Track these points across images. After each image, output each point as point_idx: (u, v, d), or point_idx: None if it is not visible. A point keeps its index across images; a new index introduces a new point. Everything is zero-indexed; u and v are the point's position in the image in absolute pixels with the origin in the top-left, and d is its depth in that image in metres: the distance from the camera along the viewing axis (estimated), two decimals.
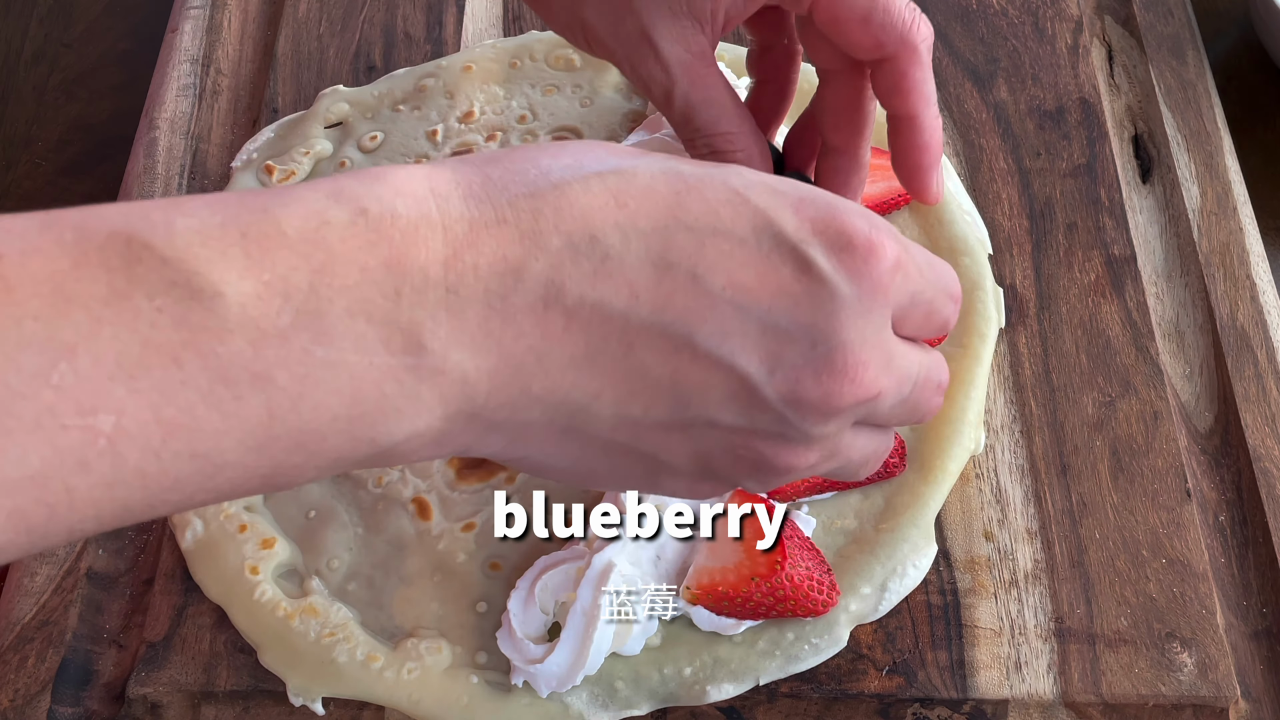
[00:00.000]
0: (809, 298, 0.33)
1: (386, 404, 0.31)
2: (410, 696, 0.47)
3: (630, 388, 0.33)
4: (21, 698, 0.49)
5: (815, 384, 0.34)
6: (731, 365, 0.33)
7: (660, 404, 0.34)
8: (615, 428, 0.34)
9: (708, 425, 0.34)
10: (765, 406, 0.34)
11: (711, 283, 0.33)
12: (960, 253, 0.57)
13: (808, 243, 0.34)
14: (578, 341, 0.32)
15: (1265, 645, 0.50)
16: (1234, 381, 0.56)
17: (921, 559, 0.50)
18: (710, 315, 0.33)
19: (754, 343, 0.33)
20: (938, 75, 0.66)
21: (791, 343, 0.34)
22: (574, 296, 0.32)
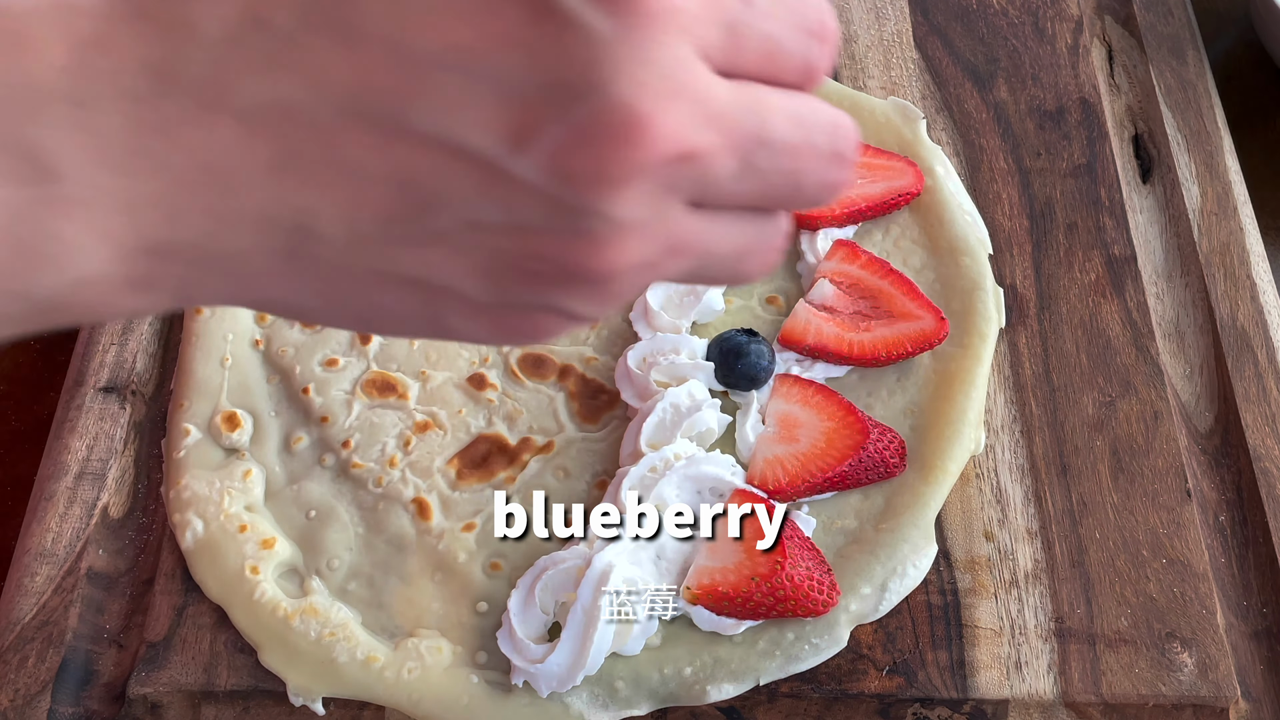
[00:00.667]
0: (553, 43, 0.25)
1: (27, 248, 0.25)
2: (410, 696, 0.47)
3: (350, 194, 0.27)
4: (21, 698, 0.49)
5: (583, 150, 0.26)
6: (461, 145, 0.26)
7: (396, 209, 0.27)
8: (352, 247, 0.27)
9: (469, 228, 0.27)
10: (529, 191, 0.26)
11: (418, 46, 0.25)
12: (960, 253, 0.57)
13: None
14: (260, 149, 0.26)
15: (1265, 645, 0.50)
16: (1234, 381, 0.56)
17: (921, 559, 0.50)
18: (423, 88, 0.26)
19: (489, 114, 0.26)
20: (938, 75, 0.66)
21: (540, 105, 0.26)
22: (245, 96, 0.26)
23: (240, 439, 0.53)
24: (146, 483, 0.54)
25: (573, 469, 0.53)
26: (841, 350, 0.53)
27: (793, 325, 0.54)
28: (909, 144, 0.61)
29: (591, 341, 0.56)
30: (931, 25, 0.68)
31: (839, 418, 0.51)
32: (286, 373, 0.55)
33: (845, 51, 0.67)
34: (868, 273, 0.55)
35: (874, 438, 0.51)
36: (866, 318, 0.54)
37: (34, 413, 0.62)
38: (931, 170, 0.59)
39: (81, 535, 0.52)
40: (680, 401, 0.51)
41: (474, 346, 0.56)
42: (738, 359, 0.52)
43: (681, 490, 0.50)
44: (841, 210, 0.57)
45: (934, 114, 0.65)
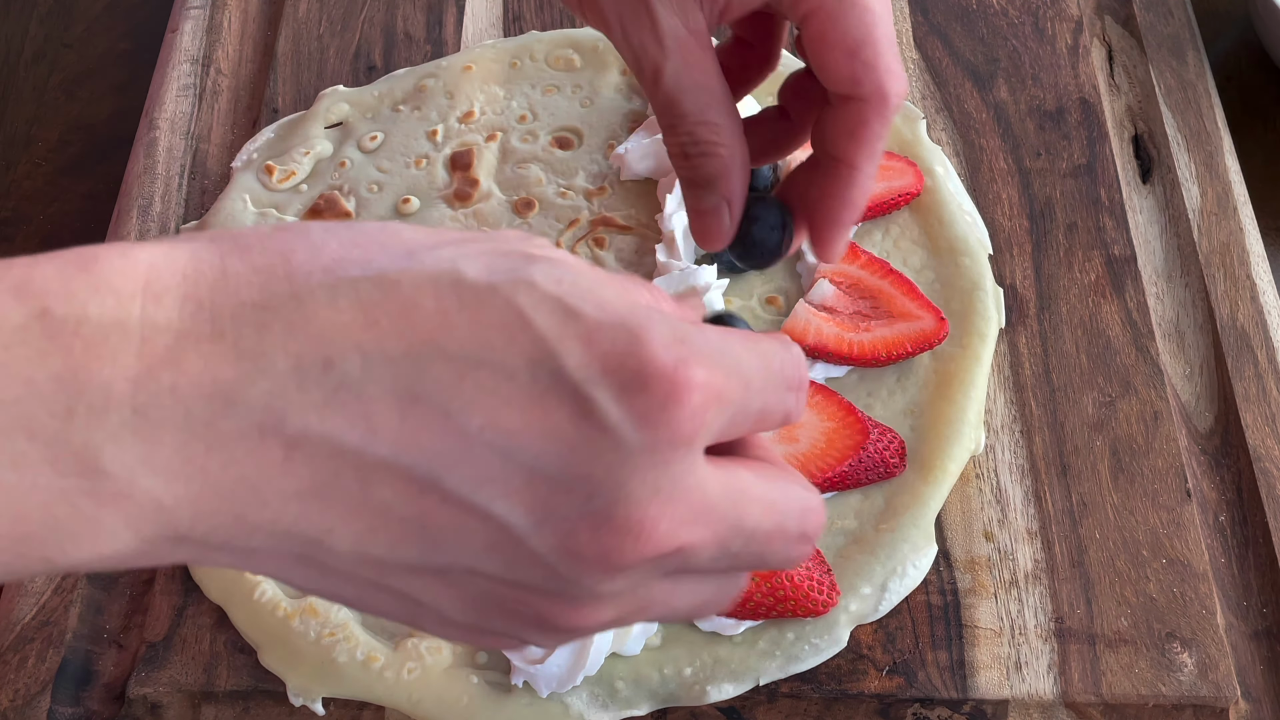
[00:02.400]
0: (587, 445, 0.28)
1: (58, 526, 0.27)
2: (410, 696, 0.47)
3: (369, 524, 0.29)
4: (21, 698, 0.49)
5: (592, 539, 0.29)
6: (488, 513, 0.29)
7: (407, 545, 0.29)
8: (357, 564, 0.30)
9: (468, 573, 0.30)
10: (534, 560, 0.29)
11: (467, 422, 0.28)
12: (960, 253, 0.57)
13: (592, 383, 0.28)
14: (302, 474, 0.28)
15: (1265, 645, 0.50)
16: (1234, 381, 0.56)
17: (921, 559, 0.50)
18: (464, 458, 0.28)
19: (517, 490, 0.29)
20: (938, 75, 0.66)
21: (564, 494, 0.29)
22: (296, 427, 0.28)
23: None
24: None
25: None
26: (841, 350, 0.53)
27: (792, 325, 0.54)
28: (909, 144, 0.61)
29: None
30: (931, 25, 0.68)
31: (839, 418, 0.51)
32: None
33: None
34: (868, 273, 0.55)
35: (874, 438, 0.51)
36: (866, 318, 0.54)
37: None
38: (931, 170, 0.59)
39: None
40: None
41: None
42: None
43: None
44: None
45: (934, 114, 0.65)
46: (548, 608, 0.31)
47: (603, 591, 0.30)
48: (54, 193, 0.68)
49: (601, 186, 0.61)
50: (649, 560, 0.30)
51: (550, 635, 0.32)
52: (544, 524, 0.29)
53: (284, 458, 0.28)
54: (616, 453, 0.29)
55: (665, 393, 0.29)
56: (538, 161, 0.61)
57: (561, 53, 0.65)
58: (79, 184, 0.69)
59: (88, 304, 0.27)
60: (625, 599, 0.31)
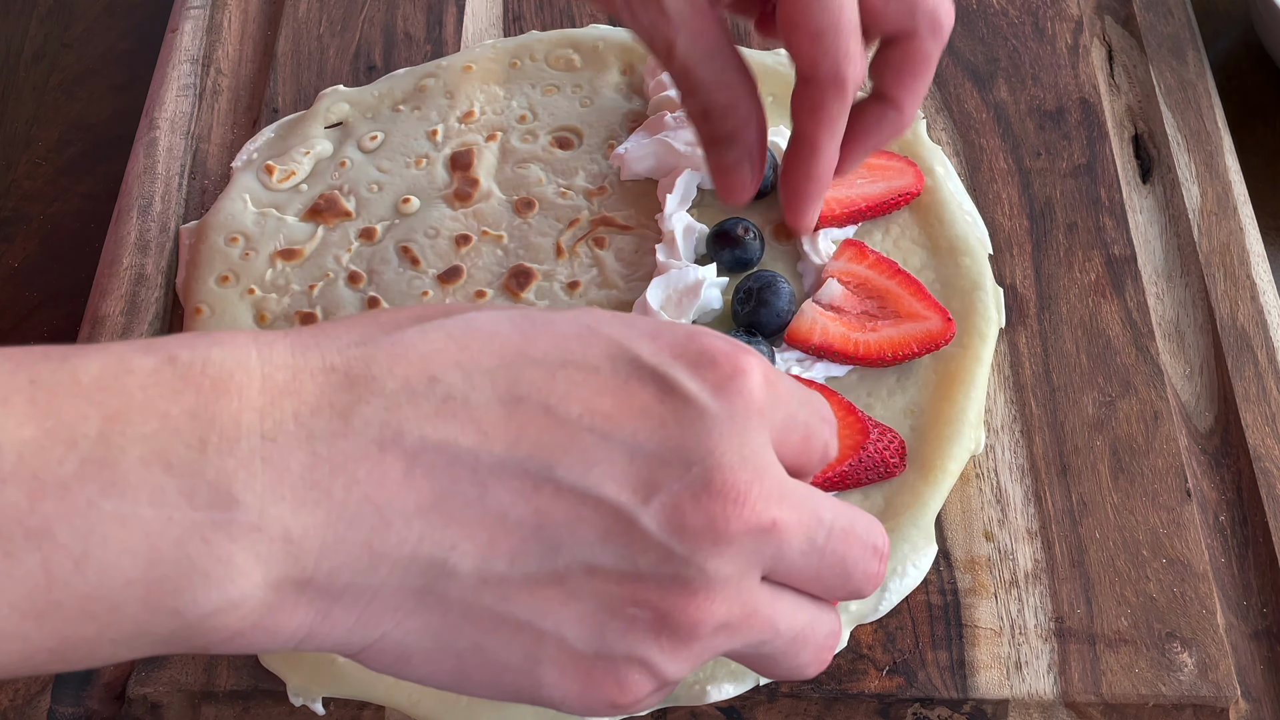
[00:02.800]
0: (675, 417, 0.31)
1: (191, 566, 0.27)
2: (410, 696, 0.47)
3: (490, 535, 0.30)
4: (21, 698, 0.49)
5: (696, 507, 0.31)
6: (600, 497, 0.30)
7: (528, 551, 0.30)
8: (480, 586, 0.31)
9: (586, 573, 0.31)
10: (646, 540, 0.31)
11: (567, 412, 0.31)
12: (960, 253, 0.57)
13: (667, 364, 0.32)
14: (423, 488, 0.29)
15: (1265, 645, 0.50)
16: (1234, 381, 0.56)
17: (921, 559, 0.50)
18: (570, 446, 0.30)
19: (622, 470, 0.31)
20: (938, 75, 0.66)
21: (664, 467, 0.31)
22: (414, 438, 0.29)
23: None
24: None
25: None
26: (848, 350, 0.53)
27: (799, 324, 0.54)
28: (909, 144, 0.61)
29: None
30: None
31: (839, 418, 0.51)
32: None
33: None
34: (875, 272, 0.55)
35: (874, 438, 0.51)
36: (873, 318, 0.54)
37: None
38: (931, 170, 0.59)
39: None
40: None
41: None
42: None
43: None
44: (841, 210, 0.57)
45: (934, 114, 0.65)
46: (665, 599, 0.31)
47: (711, 570, 0.31)
48: (54, 193, 0.68)
49: (601, 186, 0.61)
50: (749, 531, 0.31)
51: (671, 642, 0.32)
52: (651, 500, 0.31)
53: (405, 471, 0.29)
54: (702, 420, 0.31)
55: (732, 366, 0.32)
56: (538, 161, 0.61)
57: (561, 53, 0.65)
58: (79, 184, 0.69)
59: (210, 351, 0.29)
60: (733, 590, 0.32)
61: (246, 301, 0.57)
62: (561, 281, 0.58)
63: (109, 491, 0.27)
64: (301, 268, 0.58)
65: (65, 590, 0.27)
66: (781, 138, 0.60)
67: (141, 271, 0.60)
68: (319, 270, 0.58)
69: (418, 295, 0.57)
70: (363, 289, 0.58)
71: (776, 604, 0.34)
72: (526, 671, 0.32)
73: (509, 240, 0.59)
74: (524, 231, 0.59)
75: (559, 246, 0.59)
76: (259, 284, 0.58)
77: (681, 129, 0.59)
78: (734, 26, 0.68)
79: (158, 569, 0.27)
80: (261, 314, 0.57)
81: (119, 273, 0.60)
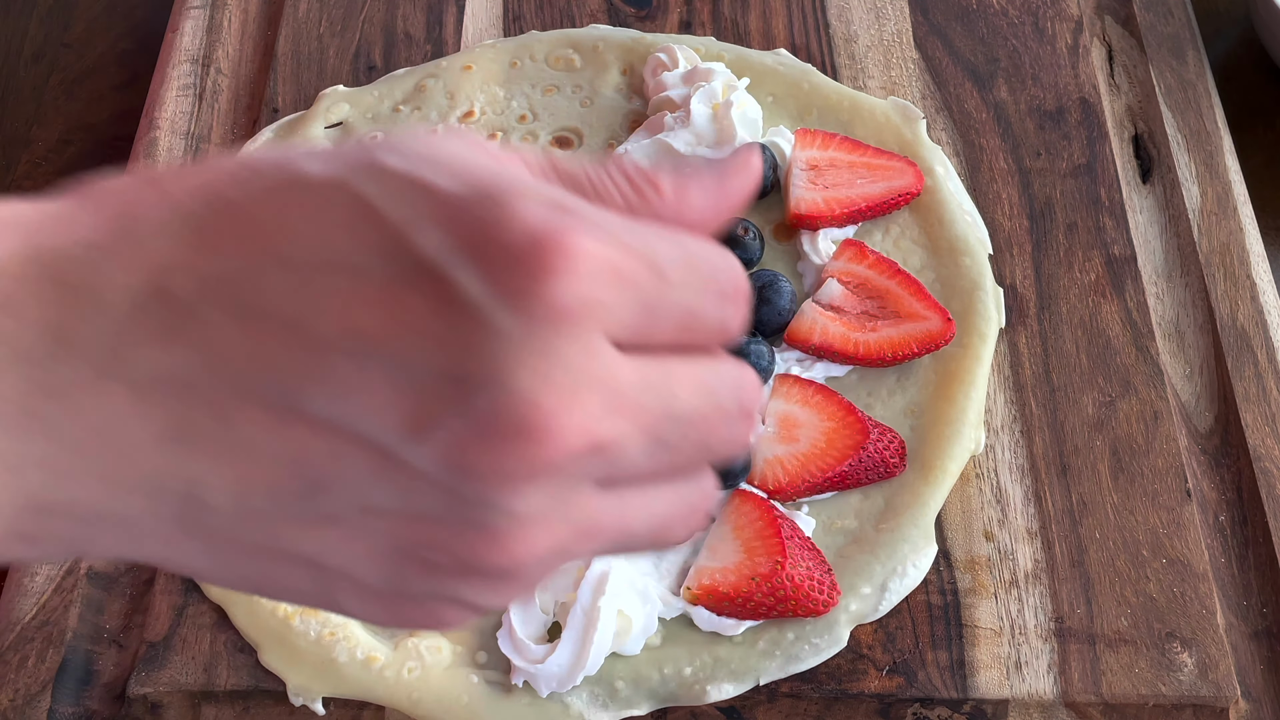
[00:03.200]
0: (453, 337, 0.24)
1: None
2: (410, 696, 0.47)
3: (242, 469, 0.26)
4: (21, 698, 0.49)
5: (482, 448, 0.25)
6: (355, 431, 0.25)
7: (288, 489, 0.26)
8: (242, 521, 0.26)
9: (363, 513, 0.26)
10: (424, 481, 0.25)
11: (318, 329, 0.25)
12: (960, 253, 0.57)
13: (451, 264, 0.24)
14: (156, 417, 0.25)
15: (1265, 645, 0.50)
16: (1234, 381, 0.56)
17: (921, 559, 0.50)
18: (320, 372, 0.25)
19: (384, 402, 0.25)
20: (938, 75, 0.66)
21: (439, 398, 0.24)
22: (141, 367, 0.25)
23: None
24: None
25: None
26: (847, 350, 0.53)
27: (798, 324, 0.54)
28: (909, 144, 0.61)
29: None
30: (931, 25, 0.68)
31: (839, 418, 0.51)
32: None
33: (845, 51, 0.67)
34: (875, 272, 0.55)
35: (874, 438, 0.51)
36: (873, 318, 0.54)
37: None
38: (931, 170, 0.59)
39: None
40: None
41: None
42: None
43: None
44: (841, 210, 0.57)
45: (934, 114, 0.65)
46: (463, 544, 0.26)
47: (518, 511, 0.25)
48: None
49: None
50: (560, 462, 0.25)
51: (484, 582, 0.27)
52: (423, 436, 0.25)
53: (133, 401, 0.25)
54: (489, 341, 0.24)
55: (536, 262, 0.24)
56: None
57: (561, 53, 0.65)
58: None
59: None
60: (554, 521, 0.26)
61: None
62: None
63: None
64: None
65: None
66: (781, 138, 0.60)
67: None
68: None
69: None
70: None
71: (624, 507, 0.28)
72: (322, 597, 0.28)
73: None
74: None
75: None
76: None
77: (681, 129, 0.59)
78: (734, 26, 0.68)
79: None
80: None
81: None
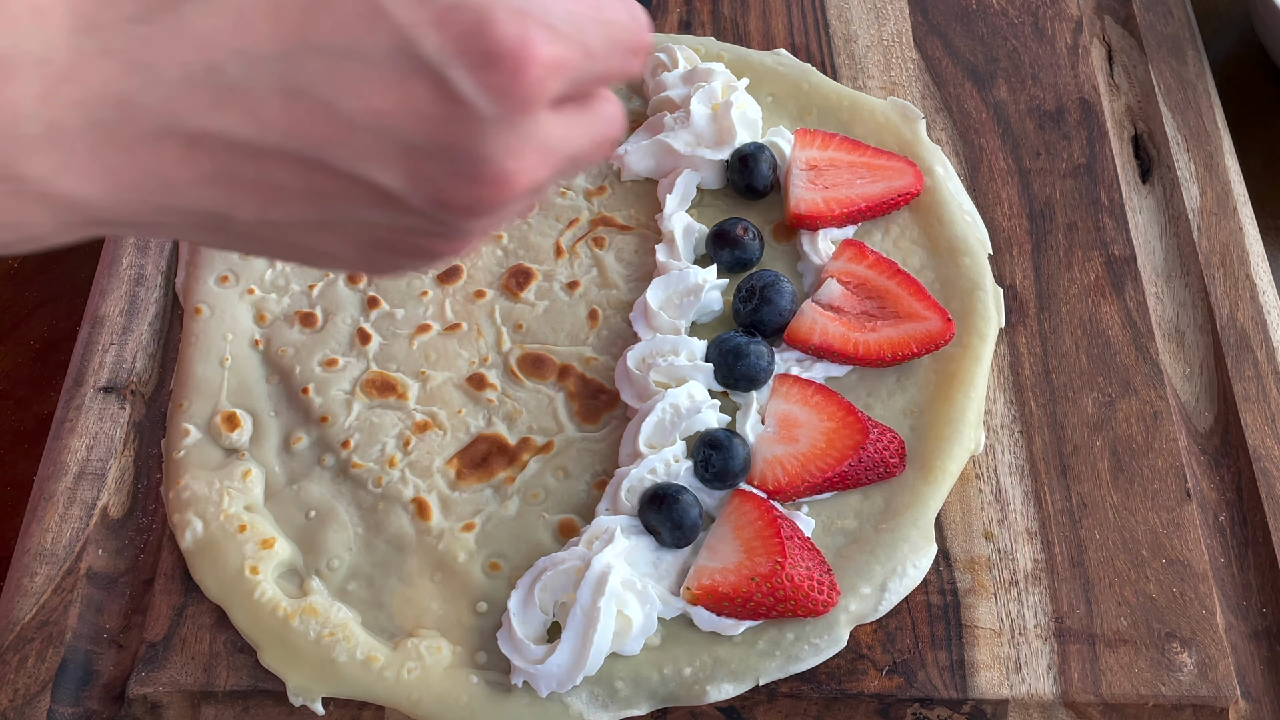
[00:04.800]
0: (449, 119, 0.33)
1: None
2: (410, 696, 0.47)
3: (268, 199, 0.34)
4: (21, 698, 0.49)
5: (461, 193, 0.34)
6: (370, 182, 0.34)
7: (303, 210, 0.34)
8: (258, 228, 0.35)
9: (358, 225, 0.35)
10: (414, 213, 0.35)
11: (344, 107, 0.32)
12: (960, 253, 0.57)
13: (448, 64, 0.33)
14: (203, 164, 0.32)
15: (1265, 645, 0.50)
16: (1234, 381, 0.56)
17: (921, 559, 0.50)
18: (346, 139, 0.33)
19: (394, 162, 0.33)
20: (938, 75, 0.66)
21: (434, 160, 0.34)
22: (193, 126, 0.32)
23: (240, 439, 0.53)
24: (146, 483, 0.54)
25: (572, 469, 0.53)
26: (847, 350, 0.53)
27: (798, 324, 0.54)
28: (909, 144, 0.60)
29: (591, 341, 0.56)
30: (931, 25, 0.68)
31: (839, 418, 0.51)
32: (286, 373, 0.55)
33: (845, 51, 0.67)
34: (875, 273, 0.55)
35: (874, 438, 0.51)
36: (873, 318, 0.54)
37: (34, 413, 0.62)
38: (931, 170, 0.59)
39: (81, 535, 0.52)
40: (680, 402, 0.51)
41: (474, 347, 0.56)
42: (737, 360, 0.52)
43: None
44: (841, 210, 0.57)
45: (934, 114, 0.65)
46: (429, 244, 0.36)
47: (479, 228, 0.36)
48: None
49: (601, 186, 0.61)
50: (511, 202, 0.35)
51: (430, 264, 0.38)
52: (420, 186, 0.34)
53: (184, 154, 0.32)
54: (474, 123, 0.33)
55: (513, 64, 0.33)
56: None
57: None
58: None
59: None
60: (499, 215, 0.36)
61: (246, 301, 0.57)
62: (561, 281, 0.58)
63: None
64: (301, 267, 0.58)
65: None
66: (781, 138, 0.60)
67: (141, 271, 0.60)
68: (318, 270, 0.58)
69: (417, 295, 0.57)
70: (362, 288, 0.58)
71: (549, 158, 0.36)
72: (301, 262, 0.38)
73: (509, 240, 0.59)
74: (524, 231, 0.59)
75: (559, 246, 0.59)
76: (259, 284, 0.58)
77: (681, 129, 0.59)
78: (734, 26, 0.68)
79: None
80: (261, 314, 0.57)
81: (119, 273, 0.60)
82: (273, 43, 0.32)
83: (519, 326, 0.56)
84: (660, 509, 0.49)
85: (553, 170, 0.36)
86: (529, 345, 0.56)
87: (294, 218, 0.34)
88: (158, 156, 0.32)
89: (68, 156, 0.31)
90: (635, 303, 0.56)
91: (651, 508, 0.49)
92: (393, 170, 0.33)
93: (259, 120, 0.32)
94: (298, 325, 0.57)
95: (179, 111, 0.31)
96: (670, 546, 0.49)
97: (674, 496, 0.49)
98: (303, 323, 0.57)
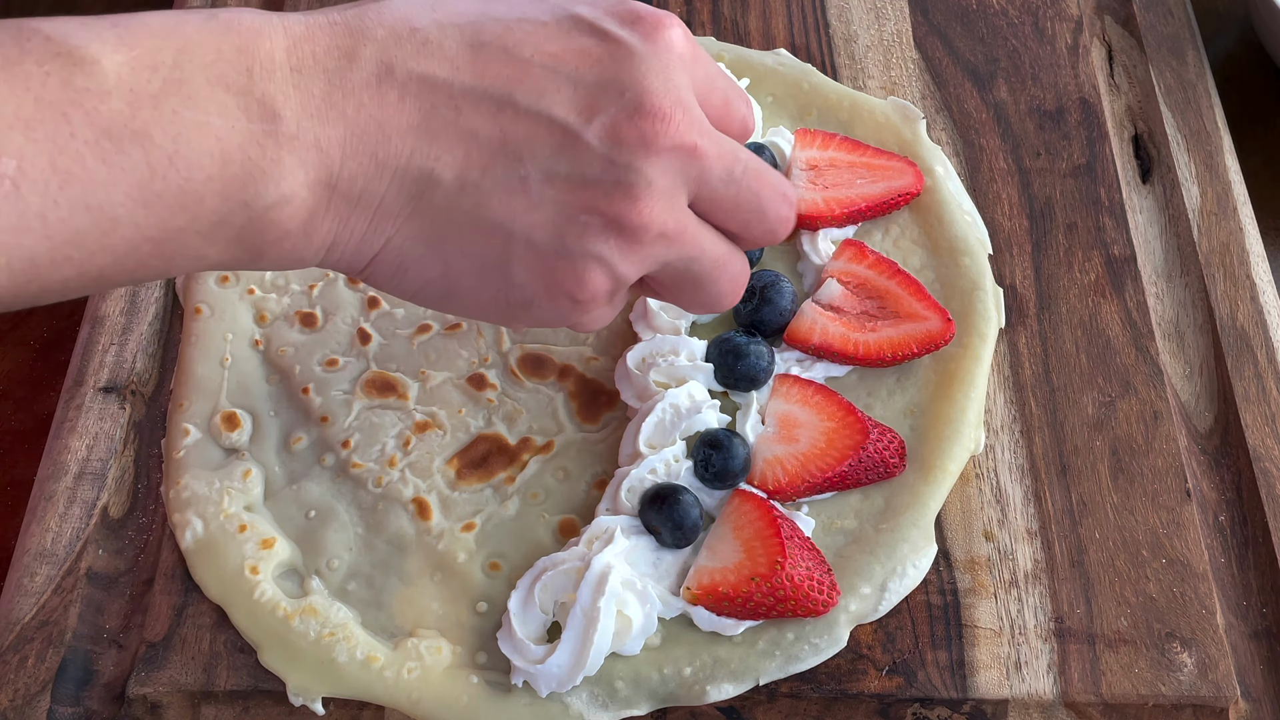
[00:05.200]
0: (610, 57, 0.40)
1: (253, 166, 0.36)
2: (410, 696, 0.47)
3: (466, 150, 0.39)
4: (21, 698, 0.49)
5: (630, 124, 0.39)
6: (551, 117, 0.39)
7: (496, 163, 0.39)
8: (460, 193, 0.39)
9: (544, 181, 0.40)
10: (591, 152, 0.39)
11: (521, 53, 0.39)
12: (960, 253, 0.57)
13: (603, 19, 0.41)
14: (412, 109, 0.38)
15: (1265, 645, 0.50)
16: (1234, 381, 0.56)
17: (921, 559, 0.50)
18: (525, 78, 0.39)
19: (568, 97, 0.39)
20: (938, 75, 0.66)
21: (602, 94, 0.40)
22: (403, 71, 0.38)
23: (240, 439, 0.53)
24: (146, 483, 0.54)
25: (572, 469, 0.53)
26: (847, 350, 0.53)
27: (798, 324, 0.54)
28: (909, 144, 0.61)
29: (591, 341, 0.56)
30: (931, 25, 0.68)
31: (839, 418, 0.51)
32: (286, 373, 0.55)
33: (845, 51, 0.67)
34: (875, 273, 0.55)
35: (874, 438, 0.51)
36: (873, 318, 0.54)
37: (34, 413, 0.62)
38: (931, 170, 0.59)
39: (81, 535, 0.52)
40: (680, 402, 0.51)
41: (473, 347, 0.56)
42: (737, 360, 0.52)
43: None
44: (841, 210, 0.57)
45: (934, 114, 0.65)
46: (611, 203, 0.40)
47: (648, 174, 0.40)
48: None
49: None
50: (674, 149, 0.40)
51: (620, 240, 0.41)
52: (593, 119, 0.39)
53: (398, 97, 0.38)
54: (633, 58, 0.40)
55: (654, 21, 0.41)
56: None
57: None
58: None
59: (240, 14, 0.37)
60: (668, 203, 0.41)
61: (246, 301, 0.57)
62: None
63: (188, 104, 0.35)
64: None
65: (164, 182, 0.34)
66: (781, 138, 0.60)
67: None
68: (318, 270, 0.58)
69: None
70: (362, 289, 0.58)
71: (702, 228, 0.43)
72: (500, 269, 0.41)
73: None
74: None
75: None
76: (259, 284, 0.58)
77: None
78: (734, 26, 0.68)
79: (229, 168, 0.36)
80: (262, 314, 0.57)
81: None
82: (459, 15, 0.40)
83: None
84: (660, 509, 0.49)
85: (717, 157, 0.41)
86: (529, 345, 0.56)
87: (488, 175, 0.39)
88: (377, 100, 0.38)
89: (308, 98, 0.37)
90: (635, 303, 0.56)
91: (652, 508, 0.49)
92: (568, 105, 0.39)
93: (454, 64, 0.39)
94: (298, 325, 0.57)
95: (389, 60, 0.38)
96: (670, 546, 0.49)
97: (674, 496, 0.49)
98: (303, 323, 0.57)
